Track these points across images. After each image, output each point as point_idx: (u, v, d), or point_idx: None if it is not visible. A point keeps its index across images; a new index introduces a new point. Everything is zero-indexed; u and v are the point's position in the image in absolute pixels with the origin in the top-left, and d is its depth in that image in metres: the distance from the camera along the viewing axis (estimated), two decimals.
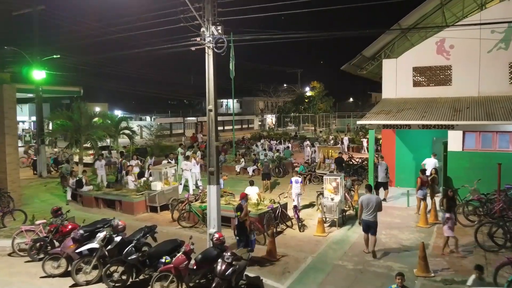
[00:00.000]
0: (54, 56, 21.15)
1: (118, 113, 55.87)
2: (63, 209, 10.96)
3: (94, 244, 8.76)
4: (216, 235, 7.92)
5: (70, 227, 10.15)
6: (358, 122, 15.46)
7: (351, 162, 22.11)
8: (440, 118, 14.55)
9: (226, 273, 7.58)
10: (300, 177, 14.89)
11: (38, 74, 21.58)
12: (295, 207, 12.71)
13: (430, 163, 15.36)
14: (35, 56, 21.57)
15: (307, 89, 57.97)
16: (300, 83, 62.23)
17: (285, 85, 57.51)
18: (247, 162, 22.85)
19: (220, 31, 9.64)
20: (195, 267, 8.05)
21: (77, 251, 8.90)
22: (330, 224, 12.74)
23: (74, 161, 20.77)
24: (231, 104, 73.26)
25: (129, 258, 8.32)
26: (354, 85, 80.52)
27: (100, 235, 8.81)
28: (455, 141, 14.53)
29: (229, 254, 7.73)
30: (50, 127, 23.93)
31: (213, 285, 7.49)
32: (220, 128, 59.27)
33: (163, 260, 8.41)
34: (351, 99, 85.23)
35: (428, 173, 14.49)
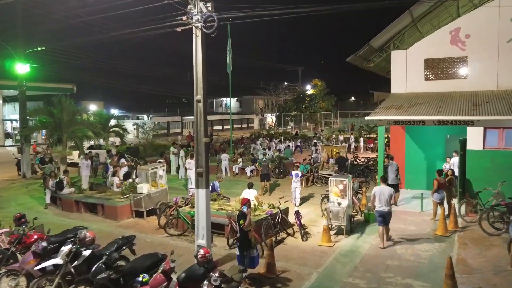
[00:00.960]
0: (38, 48, 19.73)
1: (115, 111, 54.56)
2: (27, 216, 9.43)
3: (57, 260, 7.32)
4: (201, 251, 6.46)
5: (35, 237, 8.69)
6: (367, 118, 14.03)
7: (356, 162, 20.70)
8: (458, 113, 13.12)
9: None
10: (300, 173, 15.31)
11: (22, 68, 20.17)
12: (297, 212, 11.26)
13: (456, 163, 13.94)
14: (18, 48, 20.16)
15: (308, 87, 56.54)
16: (300, 81, 60.78)
17: (285, 83, 55.94)
18: (245, 162, 21.43)
19: (210, 8, 8.21)
20: None
21: (39, 267, 7.46)
22: (336, 232, 11.31)
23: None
24: (230, 102, 72.17)
25: (97, 277, 6.88)
26: (355, 84, 79.17)
27: (65, 248, 7.35)
28: (474, 138, 13.06)
29: (217, 274, 6.29)
30: None
31: None
32: (219, 127, 57.92)
33: (140, 279, 6.97)
34: (352, 98, 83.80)
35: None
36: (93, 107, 46.20)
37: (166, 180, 15.15)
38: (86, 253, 7.48)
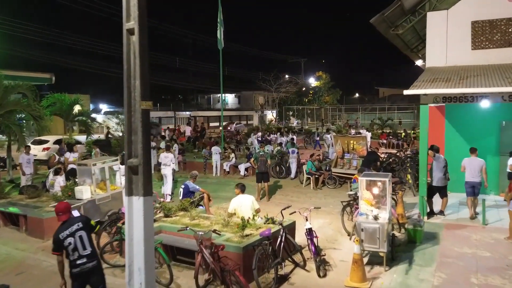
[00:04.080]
0: None
1: (103, 107, 50.79)
2: None
3: None
4: None
5: None
6: (406, 92, 10.01)
7: None
8: None
9: None
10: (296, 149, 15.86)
11: None
12: (309, 231, 7.21)
13: None
14: None
15: (312, 80, 52.50)
16: (303, 74, 56.72)
17: (287, 76, 51.84)
18: (238, 159, 17.46)
19: None
20: None
21: None
22: (369, 261, 7.33)
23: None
24: (228, 98, 68.22)
25: None
26: (359, 80, 75.29)
27: None
28: None
29: None
30: None
31: None
32: (216, 124, 54.06)
33: None
34: (356, 95, 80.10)
35: None
36: None
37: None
38: None
